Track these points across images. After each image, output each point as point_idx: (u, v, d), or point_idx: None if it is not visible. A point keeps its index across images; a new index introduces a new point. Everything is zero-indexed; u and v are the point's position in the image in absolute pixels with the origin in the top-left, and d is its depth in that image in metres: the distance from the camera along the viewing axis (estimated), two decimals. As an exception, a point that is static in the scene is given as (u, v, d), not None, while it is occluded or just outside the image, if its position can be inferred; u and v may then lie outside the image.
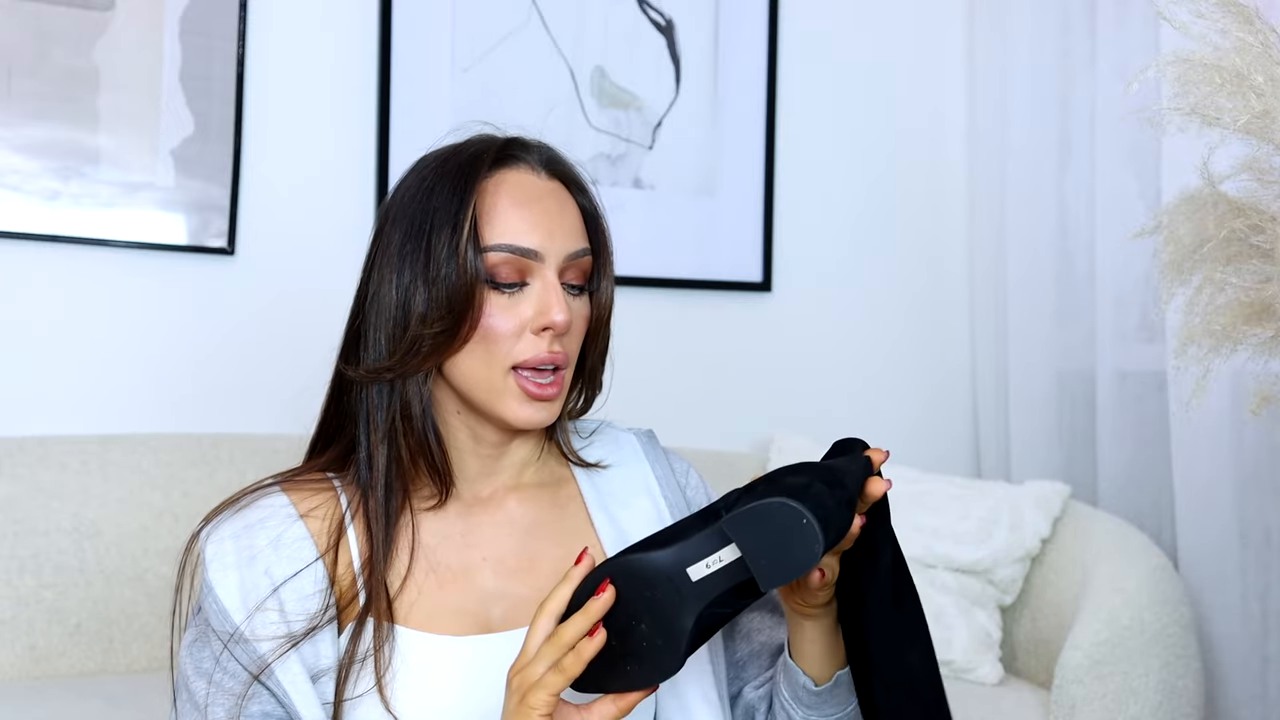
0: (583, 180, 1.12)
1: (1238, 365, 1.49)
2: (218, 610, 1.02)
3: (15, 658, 1.81)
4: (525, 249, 1.03)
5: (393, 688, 1.02)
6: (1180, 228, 1.44)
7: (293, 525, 1.05)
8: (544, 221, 1.04)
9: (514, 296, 1.04)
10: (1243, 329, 1.42)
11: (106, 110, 2.03)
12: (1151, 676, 1.77)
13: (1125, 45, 2.22)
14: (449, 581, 1.07)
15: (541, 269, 1.04)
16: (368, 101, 2.22)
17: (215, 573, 1.02)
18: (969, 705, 1.80)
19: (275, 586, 1.02)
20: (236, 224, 2.12)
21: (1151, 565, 1.86)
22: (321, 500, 1.08)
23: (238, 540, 1.04)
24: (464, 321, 1.02)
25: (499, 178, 1.06)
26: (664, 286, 2.41)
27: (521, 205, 1.04)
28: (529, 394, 1.04)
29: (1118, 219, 2.21)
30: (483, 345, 1.03)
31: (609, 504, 1.13)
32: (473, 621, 1.06)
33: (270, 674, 1.00)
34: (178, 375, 2.09)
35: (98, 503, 1.89)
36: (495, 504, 1.11)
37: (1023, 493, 2.06)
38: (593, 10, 2.37)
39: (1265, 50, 1.31)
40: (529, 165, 1.08)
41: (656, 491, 1.15)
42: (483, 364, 1.04)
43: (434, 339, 1.03)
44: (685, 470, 1.19)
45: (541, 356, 1.03)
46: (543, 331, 1.03)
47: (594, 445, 1.17)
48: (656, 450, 1.19)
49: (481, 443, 1.09)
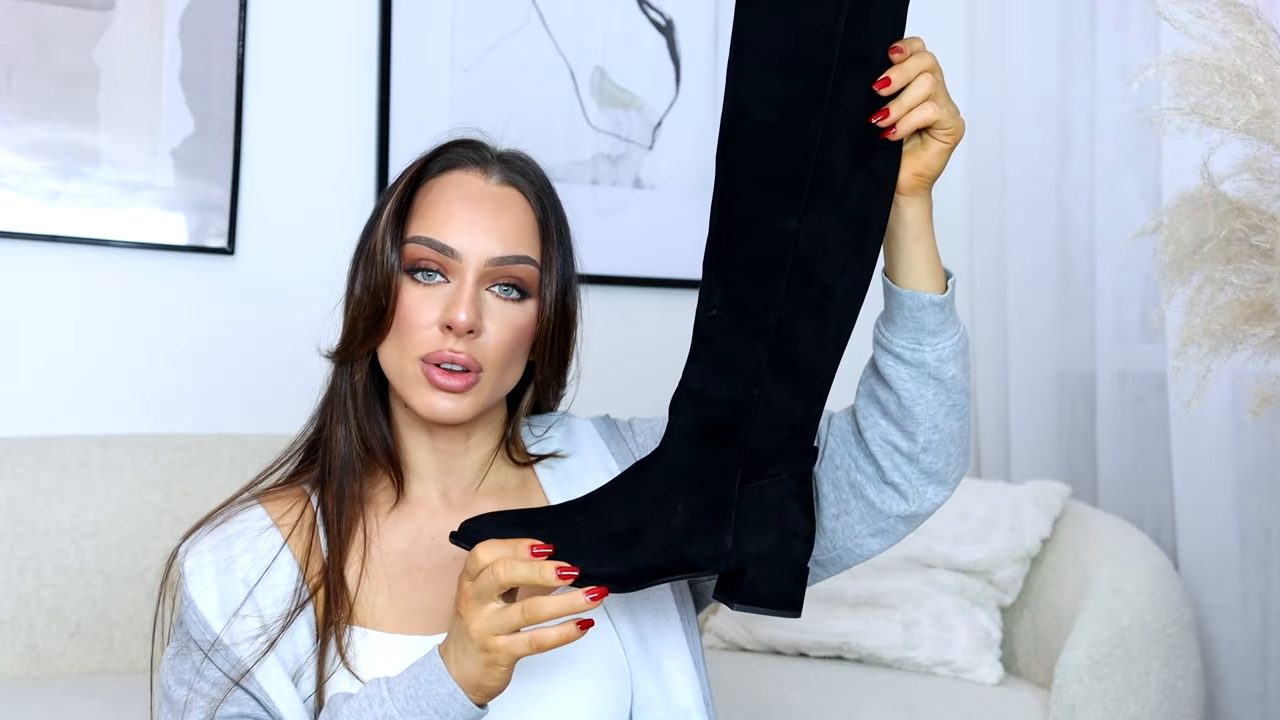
0: (546, 194, 1.14)
1: (1238, 365, 1.49)
2: (198, 621, 1.05)
3: (15, 658, 1.81)
4: (441, 245, 1.07)
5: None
6: (1180, 228, 1.44)
7: (268, 534, 1.09)
8: (471, 223, 1.08)
9: (430, 289, 1.07)
10: (1243, 329, 1.42)
11: (106, 110, 2.03)
12: (1151, 676, 1.77)
13: (1125, 45, 2.22)
14: (421, 583, 1.10)
15: (461, 268, 1.07)
16: (368, 101, 2.22)
17: (194, 585, 1.06)
18: (969, 705, 1.80)
19: (250, 589, 1.05)
20: (236, 224, 2.12)
21: (1151, 565, 1.86)
22: (295, 507, 1.12)
23: (216, 553, 1.08)
24: (385, 309, 1.07)
25: (447, 178, 1.11)
26: (664, 286, 2.41)
27: (453, 203, 1.08)
28: (434, 382, 1.06)
29: (1118, 219, 2.21)
30: (398, 335, 1.08)
31: (567, 489, 1.15)
32: (444, 620, 1.08)
33: (250, 678, 1.02)
34: (178, 375, 2.09)
35: (98, 503, 1.89)
36: (464, 507, 1.14)
37: (1023, 493, 2.06)
38: (593, 10, 2.37)
39: (1265, 50, 1.31)
40: (480, 170, 1.11)
41: (614, 466, 1.17)
42: (397, 353, 1.08)
43: (365, 324, 1.08)
44: (629, 429, 1.21)
45: (442, 354, 1.06)
46: (447, 330, 1.06)
47: (551, 439, 1.20)
48: (611, 429, 1.21)
49: (436, 436, 1.13)
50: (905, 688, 1.85)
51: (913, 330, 1.02)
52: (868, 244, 0.97)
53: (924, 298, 1.01)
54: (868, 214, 0.96)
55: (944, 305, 1.01)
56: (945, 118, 0.96)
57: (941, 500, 1.09)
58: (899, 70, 0.94)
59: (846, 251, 0.96)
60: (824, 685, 1.82)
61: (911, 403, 1.03)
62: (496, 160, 1.13)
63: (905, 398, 1.03)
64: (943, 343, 1.02)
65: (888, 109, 0.94)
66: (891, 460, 1.05)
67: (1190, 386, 1.46)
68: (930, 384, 1.03)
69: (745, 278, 0.97)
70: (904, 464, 1.06)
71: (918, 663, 1.94)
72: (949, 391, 1.03)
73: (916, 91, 0.94)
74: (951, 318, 1.03)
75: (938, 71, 0.96)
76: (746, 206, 0.95)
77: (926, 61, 0.95)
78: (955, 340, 1.03)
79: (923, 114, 0.94)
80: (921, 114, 0.94)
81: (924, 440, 1.04)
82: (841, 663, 1.97)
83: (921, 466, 1.06)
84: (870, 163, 0.95)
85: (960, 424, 1.06)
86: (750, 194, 0.94)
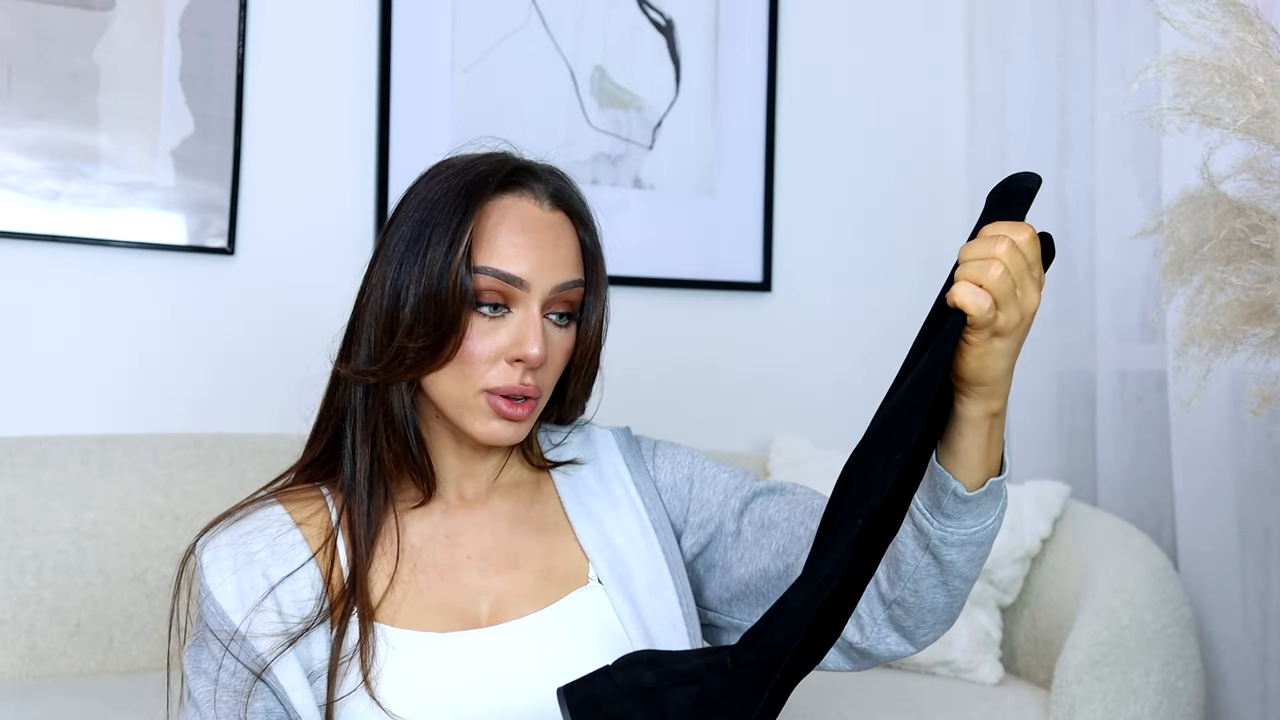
0: (586, 214, 1.14)
1: (1238, 365, 1.49)
2: (215, 613, 1.05)
3: (15, 658, 1.81)
4: (512, 276, 1.05)
5: (382, 684, 1.03)
6: (1180, 228, 1.45)
7: (289, 532, 1.09)
8: (535, 252, 1.06)
9: (495, 321, 1.06)
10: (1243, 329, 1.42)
11: (106, 110, 2.03)
12: (1151, 676, 1.77)
13: (1125, 45, 2.22)
14: (436, 580, 1.10)
15: (526, 298, 1.06)
16: (368, 101, 2.22)
17: (212, 577, 1.06)
18: (969, 705, 1.80)
19: (272, 586, 1.05)
20: (236, 224, 2.12)
21: (1151, 565, 1.86)
22: (314, 509, 1.11)
23: (234, 547, 1.07)
24: (448, 341, 1.04)
25: (503, 202, 1.08)
26: (664, 286, 2.41)
27: (517, 233, 1.07)
28: (499, 412, 1.06)
29: (1118, 219, 2.21)
30: (459, 365, 1.06)
31: (582, 495, 1.15)
32: (460, 618, 1.08)
33: (269, 672, 1.02)
34: (178, 375, 2.09)
35: (98, 503, 1.89)
36: (479, 504, 1.14)
37: (1023, 493, 2.06)
38: (593, 10, 2.37)
39: (1265, 50, 1.31)
40: (534, 195, 1.10)
41: (628, 479, 1.17)
42: (457, 383, 1.06)
43: (417, 353, 1.05)
44: (652, 452, 1.20)
45: (513, 387, 1.06)
46: (516, 363, 1.05)
47: (569, 445, 1.20)
48: (630, 441, 1.21)
49: (463, 444, 1.12)
50: (905, 688, 1.85)
51: (930, 499, 0.98)
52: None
53: (950, 482, 0.96)
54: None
55: (968, 501, 0.97)
56: (978, 314, 0.87)
57: (903, 653, 1.07)
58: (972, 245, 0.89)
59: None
60: (824, 685, 1.82)
61: (901, 558, 1.02)
62: (547, 183, 1.12)
63: (900, 548, 1.01)
64: (954, 528, 0.98)
65: None
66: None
67: (1190, 386, 1.46)
68: (926, 554, 1.00)
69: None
70: (874, 599, 1.05)
71: (918, 663, 1.94)
72: (943, 571, 1.01)
73: (966, 270, 0.88)
74: (975, 511, 0.97)
75: (1009, 262, 0.87)
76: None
77: (995, 249, 0.87)
78: (970, 533, 0.98)
79: (958, 295, 0.87)
80: (957, 294, 0.87)
81: (899, 595, 1.03)
82: (841, 663, 1.97)
83: (890, 614, 1.05)
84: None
85: (947, 601, 1.03)
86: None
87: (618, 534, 1.13)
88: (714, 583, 1.16)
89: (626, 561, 1.12)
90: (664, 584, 1.11)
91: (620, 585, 1.10)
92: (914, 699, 1.80)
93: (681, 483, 1.18)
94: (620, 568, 1.11)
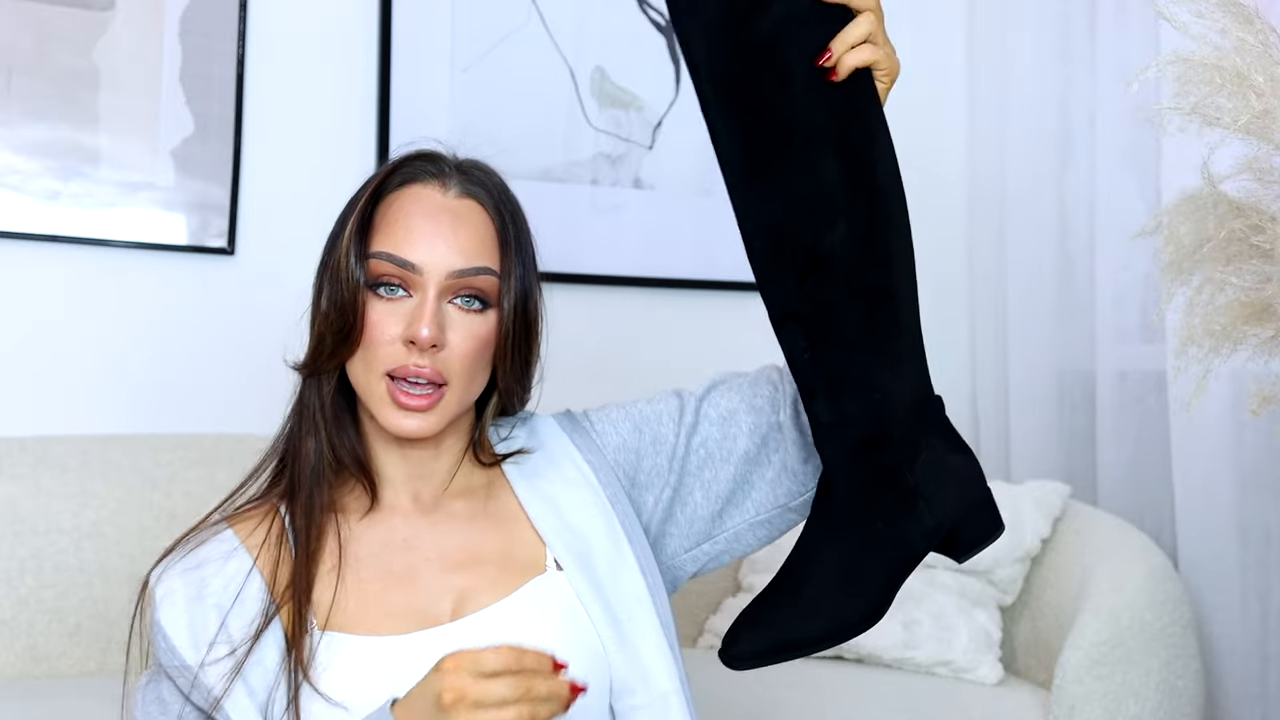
0: (506, 203, 1.15)
1: (1238, 365, 1.49)
2: (167, 648, 1.06)
3: (15, 658, 1.81)
4: (403, 260, 1.08)
5: (344, 689, 1.04)
6: (1180, 228, 1.44)
7: (237, 557, 1.10)
8: (432, 237, 1.09)
9: (393, 304, 1.08)
10: (1243, 329, 1.42)
11: (106, 110, 2.03)
12: (1151, 676, 1.77)
13: (1125, 45, 2.22)
14: (394, 585, 1.10)
15: (423, 283, 1.08)
16: (368, 101, 2.22)
17: (165, 612, 1.07)
18: (969, 705, 1.80)
19: (223, 619, 1.06)
20: (236, 224, 2.12)
21: (1151, 565, 1.86)
22: (263, 524, 1.13)
23: (186, 578, 1.09)
24: (352, 325, 1.07)
25: (408, 191, 1.12)
26: (664, 286, 2.41)
27: (412, 218, 1.10)
28: (397, 402, 1.08)
29: (1118, 219, 2.21)
30: (364, 350, 1.09)
31: (534, 481, 1.17)
32: (420, 618, 1.09)
33: (219, 708, 1.03)
34: (178, 375, 2.09)
35: (98, 503, 1.89)
36: (435, 509, 1.15)
37: (1022, 493, 2.06)
38: (593, 10, 2.37)
39: (1265, 50, 1.31)
40: (440, 183, 1.13)
41: (578, 458, 1.19)
42: (364, 368, 1.09)
43: (333, 338, 1.09)
44: (589, 423, 1.22)
45: (407, 369, 1.07)
46: (410, 345, 1.07)
47: (516, 438, 1.21)
48: (571, 421, 1.23)
49: (406, 445, 1.14)
50: (905, 688, 1.85)
51: None
52: (879, 182, 1.05)
53: None
54: (870, 152, 1.03)
55: None
56: (882, 58, 1.01)
57: None
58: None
59: (866, 195, 1.03)
60: (823, 685, 1.82)
61: None
62: (454, 172, 1.14)
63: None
64: None
65: (829, 48, 0.98)
66: None
67: (1190, 386, 1.46)
68: None
69: (811, 306, 1.05)
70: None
71: (918, 663, 1.94)
72: None
73: (855, 31, 0.99)
74: None
75: (878, 13, 1.01)
76: (787, 231, 1.01)
77: (867, 2, 1.00)
78: None
79: (860, 55, 0.99)
80: (859, 54, 0.99)
81: None
82: (841, 662, 1.97)
83: None
84: (847, 122, 1.01)
85: None
86: (788, 214, 1.01)
87: (574, 513, 1.15)
88: (702, 504, 1.18)
89: (585, 539, 1.13)
90: (623, 558, 1.13)
91: (580, 565, 1.12)
92: (914, 699, 1.80)
93: (630, 435, 1.20)
94: (579, 546, 1.13)
